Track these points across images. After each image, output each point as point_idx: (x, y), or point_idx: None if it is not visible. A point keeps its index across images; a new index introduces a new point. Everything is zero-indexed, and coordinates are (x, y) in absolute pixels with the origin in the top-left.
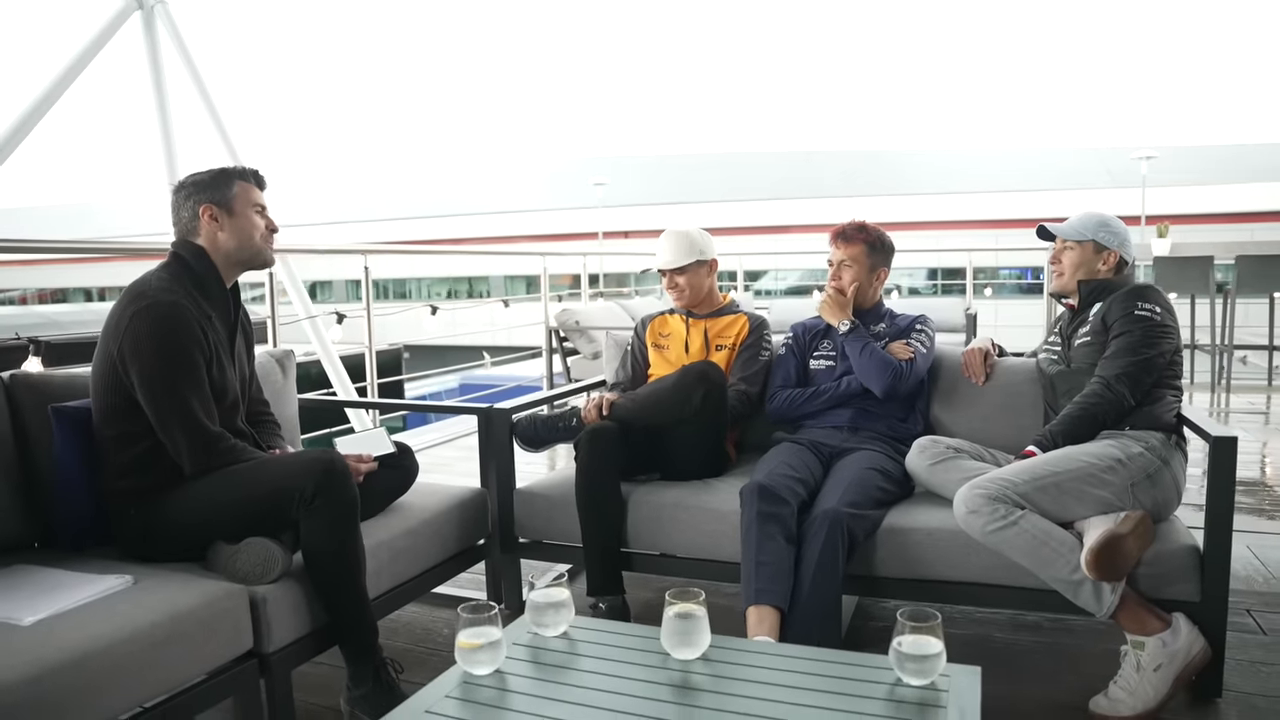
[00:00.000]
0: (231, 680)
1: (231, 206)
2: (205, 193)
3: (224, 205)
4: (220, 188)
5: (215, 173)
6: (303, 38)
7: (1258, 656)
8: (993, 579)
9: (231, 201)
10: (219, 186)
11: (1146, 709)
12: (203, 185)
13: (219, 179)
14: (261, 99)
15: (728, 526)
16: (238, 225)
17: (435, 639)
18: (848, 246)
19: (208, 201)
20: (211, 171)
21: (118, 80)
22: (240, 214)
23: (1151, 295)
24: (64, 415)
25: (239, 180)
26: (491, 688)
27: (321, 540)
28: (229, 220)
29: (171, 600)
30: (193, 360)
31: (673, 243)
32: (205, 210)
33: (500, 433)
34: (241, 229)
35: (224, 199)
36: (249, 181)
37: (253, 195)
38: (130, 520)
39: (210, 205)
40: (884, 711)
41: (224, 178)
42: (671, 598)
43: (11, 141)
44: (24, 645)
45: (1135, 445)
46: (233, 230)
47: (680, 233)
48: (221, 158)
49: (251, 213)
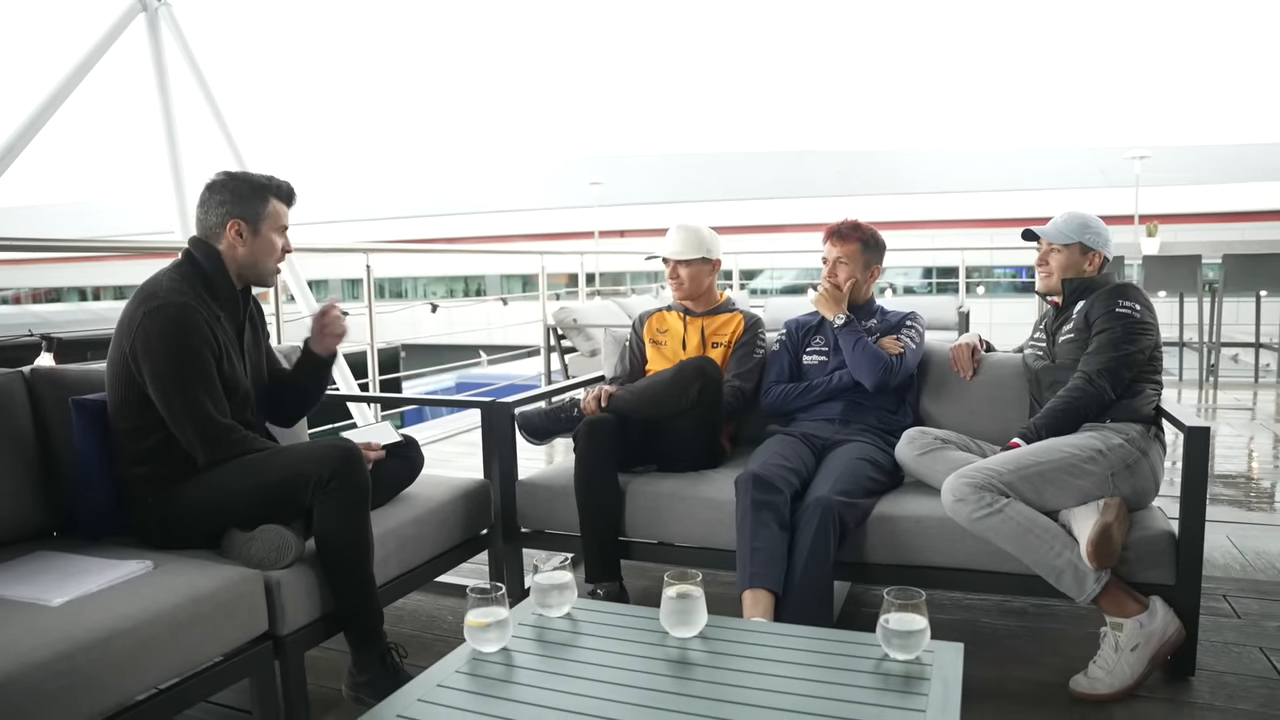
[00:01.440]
0: (248, 661)
1: (259, 227)
2: (239, 207)
3: (253, 224)
4: (254, 204)
5: (254, 186)
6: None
7: (1230, 638)
8: (978, 565)
9: (261, 222)
10: (253, 203)
11: (1124, 687)
12: (240, 198)
13: (256, 195)
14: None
15: (723, 515)
16: (259, 245)
17: (440, 626)
18: (843, 244)
19: (238, 217)
20: (251, 183)
21: (121, 80)
22: (264, 235)
23: (1132, 293)
24: (83, 407)
25: (274, 199)
26: (499, 664)
27: (334, 526)
28: (253, 239)
29: (191, 584)
30: (202, 359)
31: (682, 235)
32: (233, 225)
33: (503, 426)
34: (261, 249)
35: (254, 217)
36: (282, 201)
37: (281, 218)
38: (148, 509)
39: (239, 221)
40: (871, 684)
41: (260, 195)
42: (670, 579)
43: (19, 143)
44: (54, 624)
45: (1115, 437)
46: (253, 249)
47: (691, 227)
48: (225, 158)
49: (274, 235)
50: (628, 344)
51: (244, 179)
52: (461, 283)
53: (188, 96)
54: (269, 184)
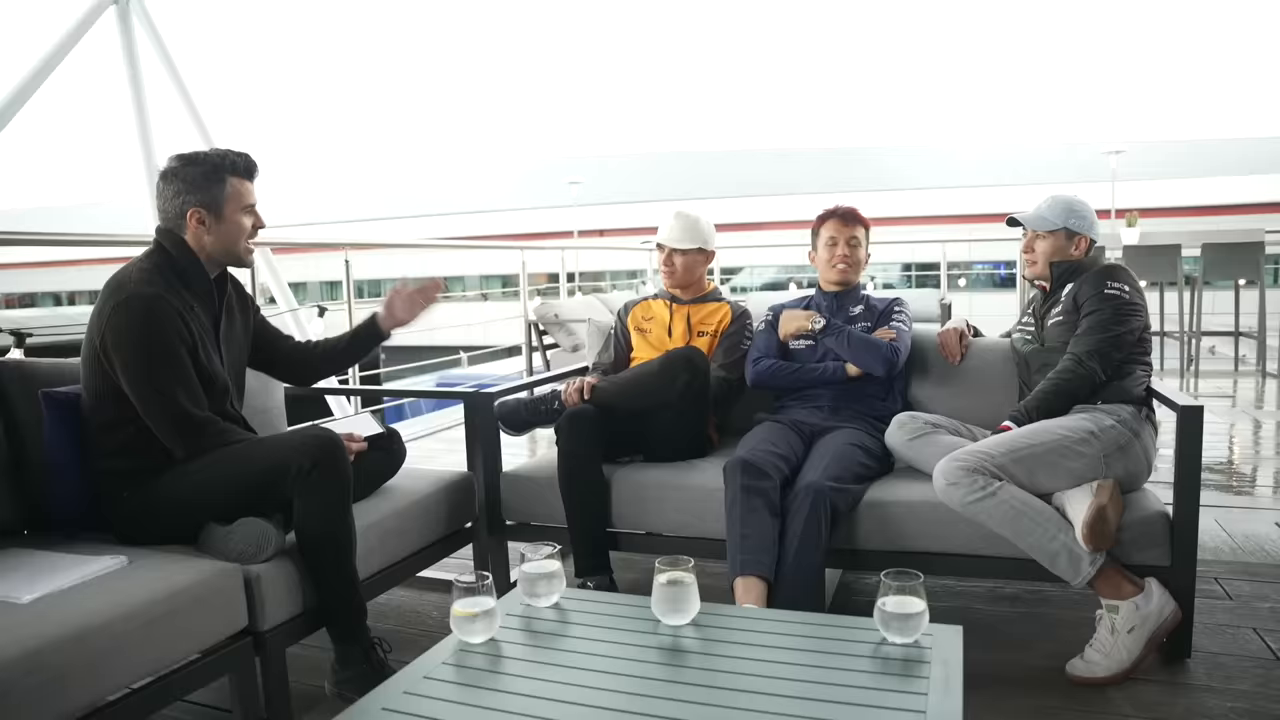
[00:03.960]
0: (228, 658)
1: (221, 211)
2: (195, 194)
3: (213, 209)
4: (211, 189)
5: (208, 169)
6: (274, 34)
7: (1224, 620)
8: (972, 549)
9: (222, 205)
10: (209, 188)
11: (1121, 669)
12: (194, 185)
13: (211, 178)
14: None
15: (712, 504)
16: (225, 230)
17: (425, 621)
18: (854, 227)
19: (197, 205)
20: (202, 166)
21: (92, 77)
22: (229, 219)
23: (1120, 275)
24: (54, 400)
25: (230, 177)
26: (486, 654)
27: (316, 518)
28: (217, 225)
29: (167, 578)
30: (173, 351)
31: (682, 224)
32: (194, 214)
33: (485, 417)
34: (228, 234)
35: (214, 202)
36: (240, 176)
37: (244, 196)
38: (123, 503)
39: (198, 209)
40: (870, 668)
41: (216, 176)
42: (661, 565)
43: None
44: (23, 621)
45: (1107, 418)
46: (219, 235)
47: (691, 217)
48: None
49: (240, 215)
50: (613, 332)
51: (196, 162)
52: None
53: (160, 90)
54: (222, 162)
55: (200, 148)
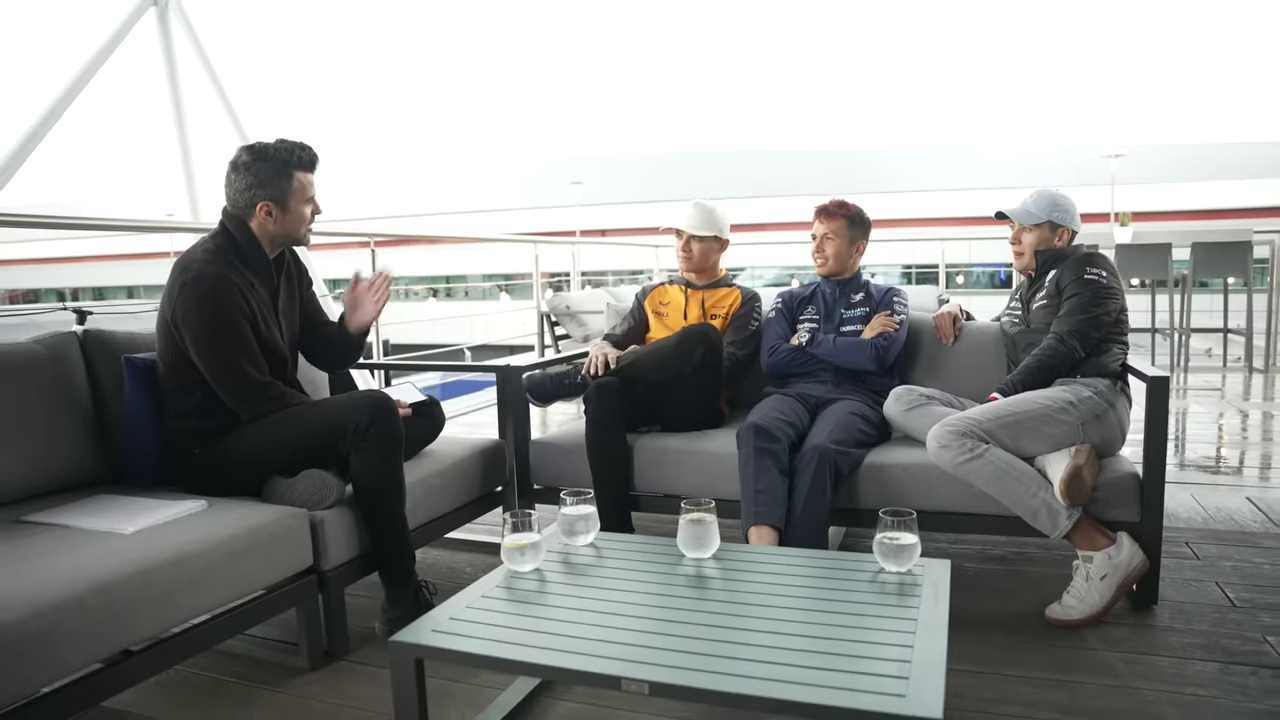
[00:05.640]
0: (296, 591)
1: (286, 203)
2: (266, 189)
3: (280, 202)
4: (279, 182)
5: (276, 165)
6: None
7: (1190, 575)
8: (961, 508)
9: (288, 198)
10: (277, 181)
11: (1094, 613)
12: (263, 180)
13: (279, 173)
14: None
15: (726, 468)
16: (289, 219)
17: (460, 576)
18: (830, 221)
19: (266, 199)
20: (272, 162)
21: (131, 76)
22: (293, 210)
23: (1098, 261)
24: (134, 365)
25: (296, 172)
26: (534, 580)
27: (372, 471)
28: (283, 215)
29: (245, 519)
30: (236, 324)
31: (699, 213)
32: (263, 207)
33: (515, 389)
34: (291, 222)
35: (281, 196)
36: (305, 169)
37: (307, 189)
38: (195, 458)
39: (268, 203)
40: (870, 592)
41: (283, 171)
42: (686, 505)
43: (30, 143)
44: (130, 547)
45: (1085, 390)
46: (283, 223)
47: (708, 206)
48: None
49: (302, 206)
50: (628, 311)
51: (268, 158)
52: (444, 282)
53: (195, 84)
54: (290, 158)
55: (236, 138)
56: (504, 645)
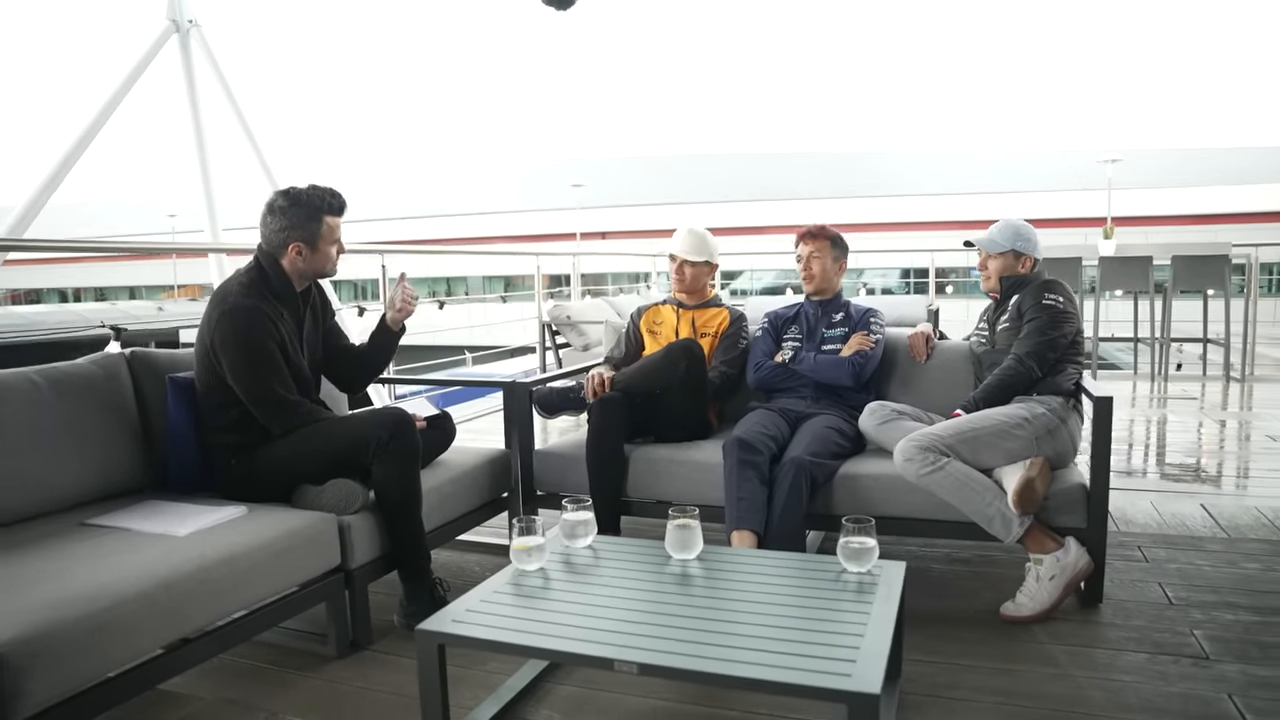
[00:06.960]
0: (326, 588)
1: (316, 244)
2: (298, 231)
3: (310, 243)
4: (310, 226)
5: (310, 210)
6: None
7: (1136, 576)
8: (925, 515)
9: (317, 240)
10: (309, 225)
11: (1043, 609)
12: (296, 224)
13: (311, 217)
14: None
15: (712, 476)
16: (317, 258)
17: (470, 574)
18: (814, 242)
19: (298, 240)
20: (306, 208)
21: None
22: (321, 250)
23: (1056, 288)
24: (177, 384)
25: (327, 216)
26: (539, 578)
27: (392, 480)
28: (312, 255)
29: (283, 523)
30: (269, 350)
31: (693, 240)
32: (294, 248)
33: (521, 402)
34: (319, 260)
35: (312, 238)
36: (334, 214)
37: (335, 231)
38: (232, 469)
39: (300, 244)
40: (833, 589)
41: (315, 216)
42: (674, 512)
43: (62, 172)
44: (186, 547)
45: (1039, 407)
46: (312, 261)
47: (700, 233)
48: (253, 167)
49: (330, 247)
50: (625, 332)
51: (301, 204)
52: (444, 284)
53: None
54: (321, 204)
55: (252, 156)
56: (513, 633)
